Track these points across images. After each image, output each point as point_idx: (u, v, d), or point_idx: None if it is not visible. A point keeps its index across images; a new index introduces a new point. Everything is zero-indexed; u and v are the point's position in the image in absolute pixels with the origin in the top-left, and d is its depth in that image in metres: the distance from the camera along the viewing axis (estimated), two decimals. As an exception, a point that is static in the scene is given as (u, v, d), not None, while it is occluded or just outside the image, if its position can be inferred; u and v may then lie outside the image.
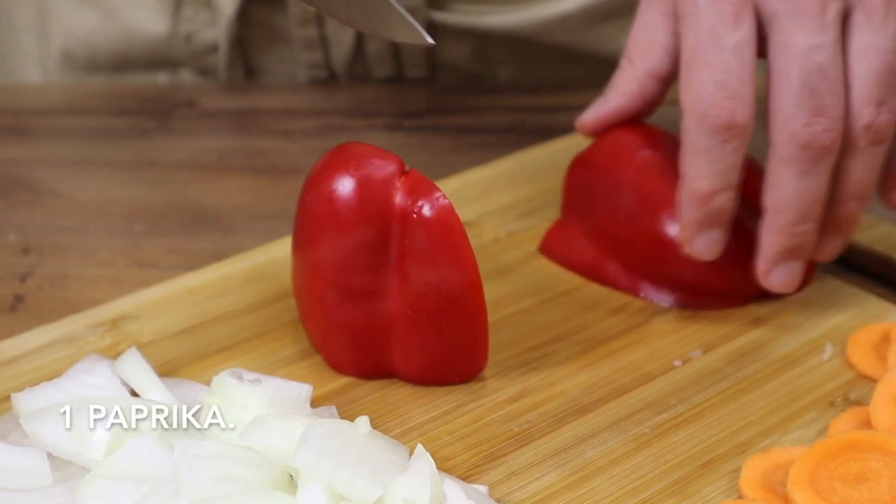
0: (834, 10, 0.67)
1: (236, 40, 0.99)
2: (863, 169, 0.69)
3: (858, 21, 0.67)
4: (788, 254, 0.69)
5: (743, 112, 0.67)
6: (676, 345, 0.70)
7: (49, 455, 0.60)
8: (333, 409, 0.65)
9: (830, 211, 0.70)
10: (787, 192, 0.68)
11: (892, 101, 0.68)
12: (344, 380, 0.67)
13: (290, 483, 0.59)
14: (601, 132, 0.75)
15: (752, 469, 0.61)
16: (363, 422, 0.60)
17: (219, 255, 0.78)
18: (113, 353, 0.68)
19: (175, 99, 0.98)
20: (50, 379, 0.65)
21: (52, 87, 1.03)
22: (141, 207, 0.85)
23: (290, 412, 0.62)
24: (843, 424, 0.64)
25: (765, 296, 0.73)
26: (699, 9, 0.67)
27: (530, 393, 0.67)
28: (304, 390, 0.63)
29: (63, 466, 0.60)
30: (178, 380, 0.66)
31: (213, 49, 1.00)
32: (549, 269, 0.76)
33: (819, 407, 0.66)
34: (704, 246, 0.70)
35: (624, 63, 0.74)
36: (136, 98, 0.99)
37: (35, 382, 0.65)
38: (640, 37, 0.73)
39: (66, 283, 0.77)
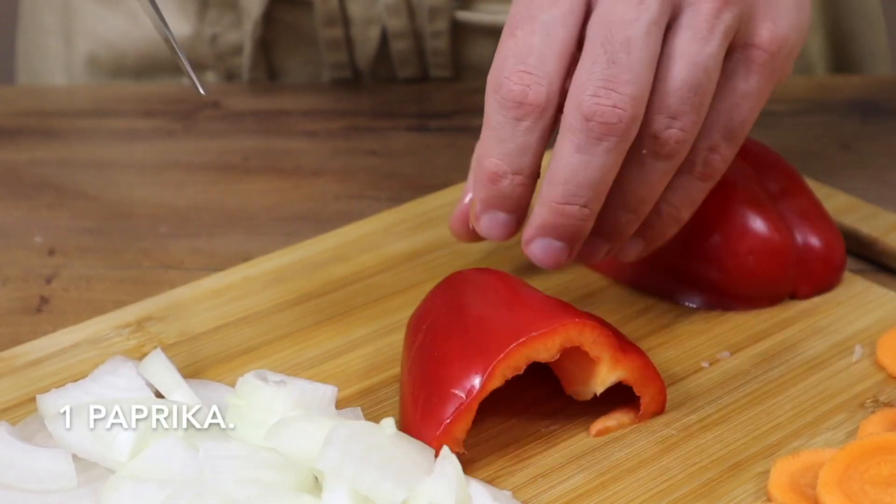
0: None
1: (261, 42, 0.99)
2: (638, 180, 0.64)
3: (682, 26, 0.63)
4: (550, 230, 0.64)
5: (538, 90, 0.62)
6: (704, 346, 0.70)
7: (74, 457, 0.60)
8: (358, 410, 0.64)
9: (602, 213, 0.65)
10: (560, 165, 0.62)
11: (686, 120, 0.62)
12: (369, 381, 0.67)
13: (315, 485, 0.59)
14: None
15: (781, 471, 0.61)
16: (388, 423, 0.60)
17: (244, 257, 0.78)
18: (138, 355, 0.67)
19: (200, 100, 0.98)
20: (75, 380, 0.64)
21: (77, 90, 1.03)
22: (166, 209, 0.85)
23: (315, 414, 0.61)
24: (874, 426, 0.63)
25: (793, 297, 0.72)
26: None
27: (556, 394, 0.66)
28: (328, 392, 0.63)
29: (88, 468, 0.60)
30: (203, 381, 0.66)
31: (237, 51, 1.00)
32: (575, 269, 0.76)
33: (849, 409, 0.65)
34: (487, 226, 0.66)
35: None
36: (161, 100, 0.99)
37: (60, 384, 0.65)
38: None
39: (92, 285, 0.77)
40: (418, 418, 0.61)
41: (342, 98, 0.99)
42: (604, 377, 0.63)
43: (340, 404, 0.64)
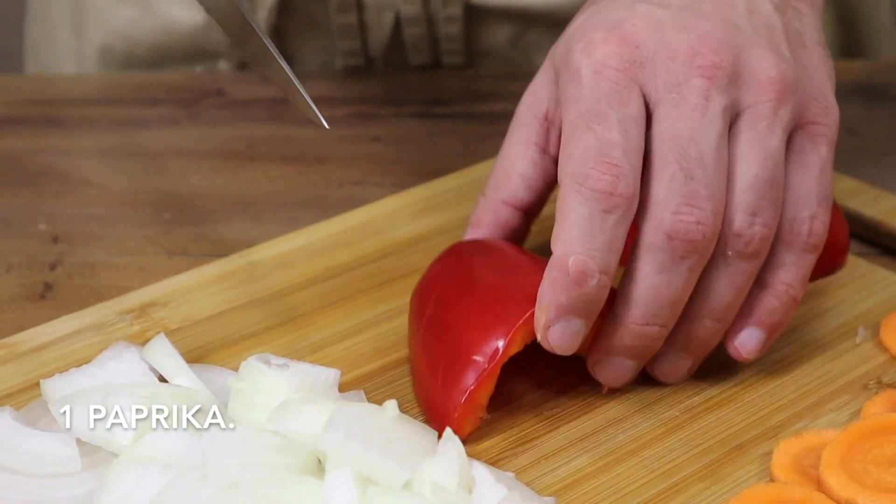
0: (718, 104, 0.61)
1: (274, 29, 0.99)
2: (725, 285, 0.62)
3: (745, 126, 0.62)
4: (624, 351, 0.63)
5: (627, 182, 0.60)
6: (707, 329, 0.70)
7: (78, 441, 0.60)
8: (361, 393, 0.64)
9: (682, 326, 0.63)
10: (641, 286, 0.61)
11: (767, 215, 0.62)
12: (372, 365, 0.67)
13: (319, 467, 0.59)
14: None
15: (784, 452, 0.61)
16: (391, 405, 0.60)
17: (247, 243, 0.78)
18: (141, 340, 0.68)
19: (204, 88, 0.98)
20: (79, 365, 0.65)
21: (81, 78, 1.03)
22: (169, 196, 0.85)
23: (318, 397, 0.61)
24: (877, 407, 0.63)
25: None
26: (582, 87, 0.62)
27: (559, 377, 0.66)
28: (331, 375, 0.63)
29: (92, 452, 0.60)
30: (207, 366, 0.66)
31: None
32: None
33: (852, 390, 0.65)
34: (561, 336, 0.61)
35: (479, 197, 0.70)
36: (165, 88, 0.99)
37: (64, 369, 0.65)
38: (497, 167, 0.69)
39: (95, 272, 0.78)
40: (440, 386, 0.62)
41: (348, 85, 0.99)
42: None
43: (343, 388, 0.65)
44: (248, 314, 0.71)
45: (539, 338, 0.61)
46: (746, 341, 0.64)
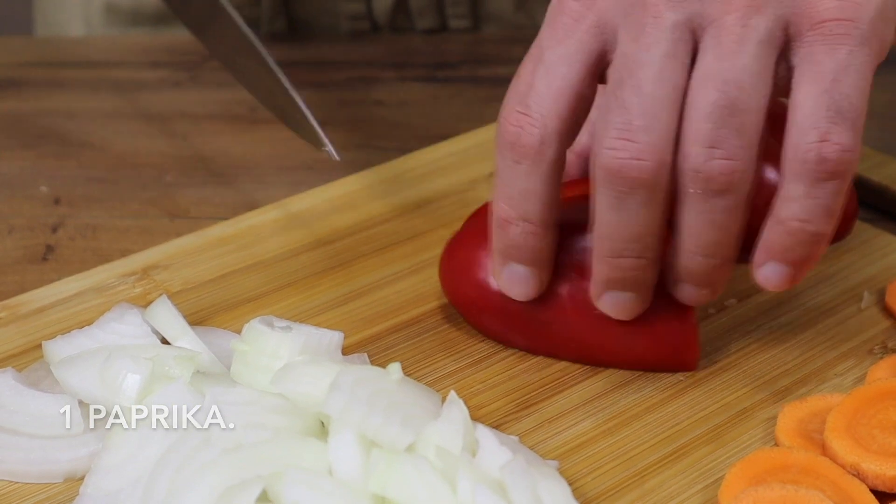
0: (670, 20, 0.56)
1: None
2: (702, 222, 0.57)
3: (707, 45, 0.56)
4: (614, 283, 0.60)
5: (532, 132, 0.57)
6: (712, 293, 0.69)
7: (80, 402, 0.60)
8: (365, 356, 0.64)
9: (675, 259, 0.60)
10: (598, 222, 0.58)
11: (730, 145, 0.55)
12: (375, 328, 0.67)
13: (322, 430, 0.59)
14: None
15: (789, 417, 0.60)
16: (395, 368, 0.59)
17: (249, 206, 0.78)
18: (143, 302, 0.67)
19: (206, 51, 0.98)
20: (81, 327, 0.64)
21: (83, 40, 1.03)
22: (172, 159, 0.85)
23: (321, 359, 0.61)
24: (881, 372, 0.63)
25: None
26: (545, 24, 0.59)
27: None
28: (335, 338, 0.63)
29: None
30: (209, 328, 0.66)
31: (255, 1, 0.99)
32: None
33: (857, 355, 0.65)
34: (508, 281, 0.62)
35: None
36: (167, 50, 0.98)
37: (66, 330, 0.65)
38: None
39: (97, 234, 0.77)
40: None
41: (352, 49, 0.99)
42: None
43: (347, 351, 0.64)
44: (251, 277, 0.71)
45: (494, 279, 0.62)
46: (771, 275, 0.59)
